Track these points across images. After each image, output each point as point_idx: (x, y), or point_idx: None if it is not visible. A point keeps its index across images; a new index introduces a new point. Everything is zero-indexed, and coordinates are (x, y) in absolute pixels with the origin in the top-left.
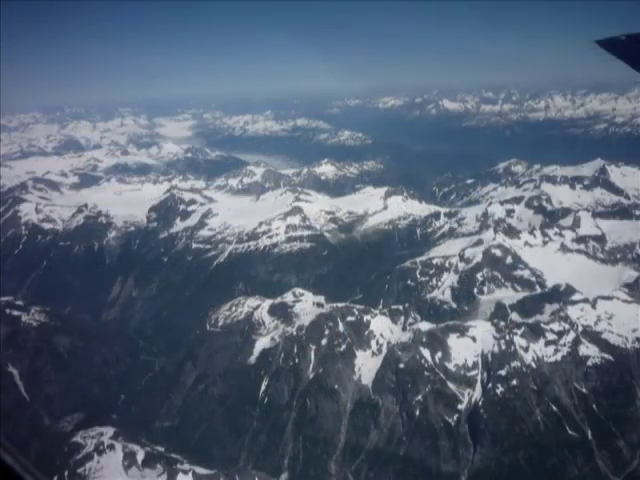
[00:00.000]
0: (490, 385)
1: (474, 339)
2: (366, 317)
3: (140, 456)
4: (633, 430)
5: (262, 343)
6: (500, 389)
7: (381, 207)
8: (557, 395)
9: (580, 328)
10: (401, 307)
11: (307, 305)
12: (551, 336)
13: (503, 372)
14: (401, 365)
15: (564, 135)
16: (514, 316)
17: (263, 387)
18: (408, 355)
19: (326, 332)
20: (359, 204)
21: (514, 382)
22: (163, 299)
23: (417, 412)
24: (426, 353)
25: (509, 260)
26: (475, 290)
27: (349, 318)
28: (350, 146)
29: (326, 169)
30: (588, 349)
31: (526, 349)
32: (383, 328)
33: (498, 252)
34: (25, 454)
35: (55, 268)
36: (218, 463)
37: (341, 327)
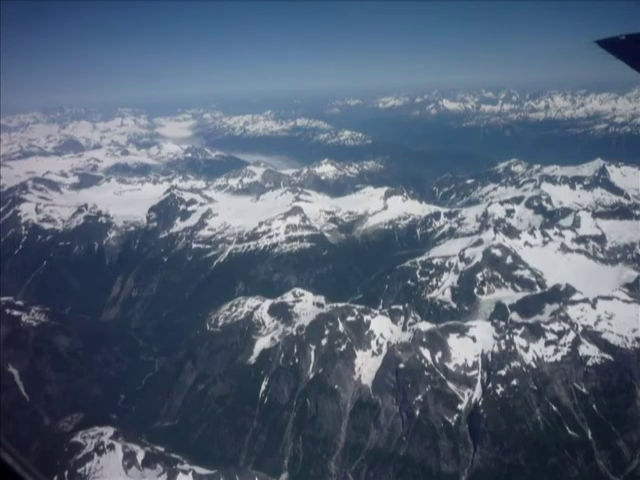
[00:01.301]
0: (490, 385)
1: (474, 339)
2: (366, 317)
3: (140, 456)
4: (633, 430)
5: (262, 343)
6: (500, 389)
7: (381, 207)
8: (557, 395)
9: (580, 328)
10: (401, 307)
11: (307, 305)
12: (551, 336)
13: (503, 372)
14: (401, 365)
15: (564, 135)
16: (514, 316)
17: (263, 387)
18: (408, 355)
19: (326, 332)
20: (359, 204)
21: (514, 382)
22: (163, 299)
23: (417, 412)
24: (426, 353)
25: (509, 260)
26: (475, 290)
27: (349, 318)
28: (350, 146)
29: (326, 169)
30: (588, 349)
31: (526, 349)
32: (383, 328)
33: (498, 252)
34: (25, 454)
35: (55, 268)
36: (218, 463)
37: (341, 327)
